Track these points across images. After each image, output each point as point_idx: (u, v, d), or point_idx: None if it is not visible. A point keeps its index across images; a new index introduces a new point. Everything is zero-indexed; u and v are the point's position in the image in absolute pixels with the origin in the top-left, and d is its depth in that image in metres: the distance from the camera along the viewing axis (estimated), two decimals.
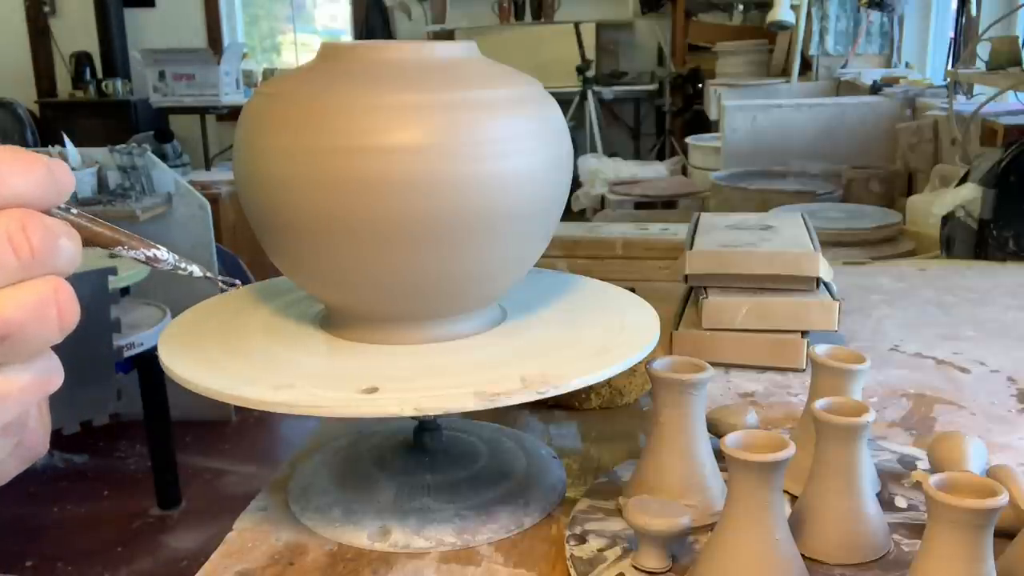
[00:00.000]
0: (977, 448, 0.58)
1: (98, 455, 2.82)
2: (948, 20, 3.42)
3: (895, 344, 0.93)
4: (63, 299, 0.31)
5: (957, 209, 1.42)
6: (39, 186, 0.32)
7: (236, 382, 0.55)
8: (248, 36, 6.14)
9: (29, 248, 0.30)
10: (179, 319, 0.67)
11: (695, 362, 0.58)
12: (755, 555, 0.47)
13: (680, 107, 4.97)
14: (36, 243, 0.31)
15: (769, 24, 3.43)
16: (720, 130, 3.26)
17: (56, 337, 0.32)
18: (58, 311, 0.31)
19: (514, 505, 0.61)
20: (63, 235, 0.32)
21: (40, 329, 0.31)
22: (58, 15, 5.73)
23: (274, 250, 0.61)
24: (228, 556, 0.57)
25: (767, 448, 0.47)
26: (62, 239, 0.32)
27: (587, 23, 5.21)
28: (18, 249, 0.30)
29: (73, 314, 0.32)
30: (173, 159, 4.47)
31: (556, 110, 0.62)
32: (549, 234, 0.64)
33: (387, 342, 0.61)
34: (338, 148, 0.55)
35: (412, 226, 0.55)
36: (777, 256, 0.86)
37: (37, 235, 0.31)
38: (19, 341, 0.31)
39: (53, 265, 0.32)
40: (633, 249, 1.24)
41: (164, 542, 2.37)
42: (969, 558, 0.43)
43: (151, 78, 4.88)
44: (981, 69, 2.12)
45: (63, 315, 0.31)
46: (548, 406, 0.78)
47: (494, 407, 0.53)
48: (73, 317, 0.32)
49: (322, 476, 0.66)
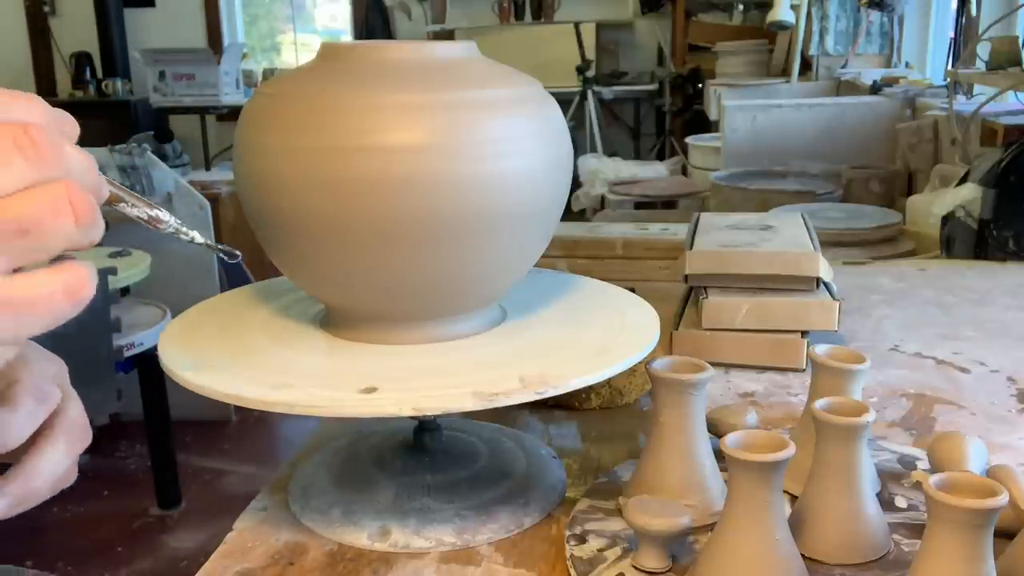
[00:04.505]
0: (977, 448, 0.57)
1: (98, 455, 2.82)
2: (948, 20, 3.42)
3: (895, 344, 0.93)
4: (76, 196, 0.32)
5: (957, 209, 1.42)
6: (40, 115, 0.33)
7: (236, 382, 0.55)
8: (248, 36, 6.14)
9: (35, 148, 0.31)
10: (179, 319, 0.67)
11: (695, 362, 0.58)
12: (755, 555, 0.47)
13: (680, 107, 4.97)
14: (41, 144, 0.32)
15: (769, 24, 3.43)
16: (720, 130, 3.25)
17: (75, 234, 0.32)
18: (73, 208, 0.32)
19: (514, 505, 0.61)
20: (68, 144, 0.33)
21: (57, 224, 0.32)
22: (58, 15, 5.73)
23: (274, 250, 0.61)
24: (228, 556, 0.57)
25: (767, 448, 0.47)
26: (67, 147, 0.33)
27: (587, 23, 5.21)
28: (23, 150, 0.31)
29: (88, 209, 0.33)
30: (173, 159, 4.46)
31: (556, 110, 0.62)
32: (549, 234, 0.64)
33: (387, 342, 0.61)
34: (338, 148, 0.55)
35: (412, 226, 0.55)
36: (777, 256, 0.86)
37: (42, 137, 0.32)
38: (39, 236, 0.32)
39: (64, 169, 0.33)
40: (633, 249, 1.24)
41: (164, 542, 2.37)
42: (969, 558, 0.43)
43: (151, 78, 4.88)
44: (981, 69, 2.12)
45: (78, 211, 0.32)
46: (548, 406, 0.78)
47: (493, 407, 0.53)
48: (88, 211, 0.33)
49: (322, 476, 0.66)
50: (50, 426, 0.41)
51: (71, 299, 0.33)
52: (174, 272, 2.62)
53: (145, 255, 2.41)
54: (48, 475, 0.39)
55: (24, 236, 0.31)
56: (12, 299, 0.32)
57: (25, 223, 0.31)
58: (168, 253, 2.61)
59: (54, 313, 0.33)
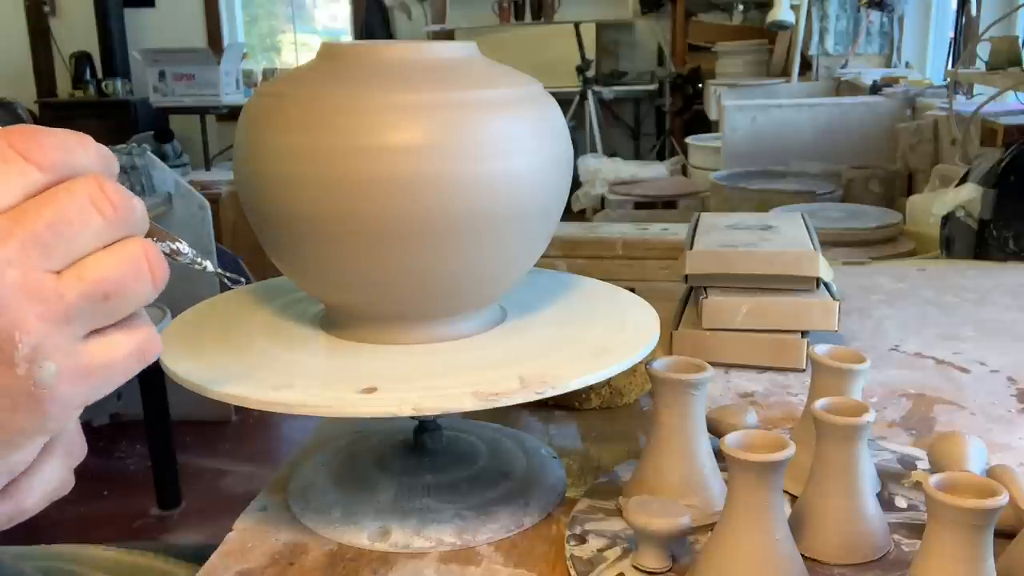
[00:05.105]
0: (977, 448, 0.57)
1: (98, 455, 2.82)
2: (948, 20, 3.42)
3: (895, 344, 0.93)
4: (152, 256, 0.32)
5: (957, 209, 1.42)
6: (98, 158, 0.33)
7: (236, 382, 0.55)
8: (248, 36, 6.14)
9: (112, 207, 0.31)
10: (179, 319, 0.67)
11: (695, 362, 0.58)
12: (755, 555, 0.47)
13: (680, 107, 4.97)
14: (117, 202, 0.31)
15: (769, 24, 3.43)
16: (720, 130, 3.26)
17: (151, 294, 0.32)
18: (150, 268, 0.32)
19: (514, 505, 0.61)
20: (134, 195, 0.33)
21: (137, 286, 0.32)
22: (58, 15, 5.73)
23: (274, 250, 0.61)
24: (228, 556, 0.57)
25: (767, 448, 0.47)
26: (134, 199, 0.33)
27: (587, 23, 5.21)
28: (102, 209, 0.31)
29: (163, 271, 0.33)
30: (173, 159, 4.46)
31: (556, 110, 0.62)
32: (549, 234, 0.64)
33: (387, 342, 0.61)
34: (338, 148, 0.55)
35: (412, 226, 0.55)
36: (777, 256, 0.86)
37: (116, 195, 0.31)
38: (119, 300, 0.32)
39: (134, 225, 0.32)
40: (633, 249, 1.23)
41: (164, 542, 2.37)
42: (969, 558, 0.43)
43: (151, 78, 4.88)
44: (981, 69, 2.12)
45: (155, 272, 0.32)
46: (548, 406, 0.78)
47: (493, 407, 0.53)
48: (164, 273, 0.33)
49: (322, 476, 0.66)
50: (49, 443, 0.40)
51: (142, 361, 0.33)
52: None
53: None
54: (40, 493, 0.38)
55: (104, 301, 0.31)
56: (90, 366, 0.32)
57: (106, 288, 0.31)
58: None
59: (126, 376, 0.33)
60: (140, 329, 0.33)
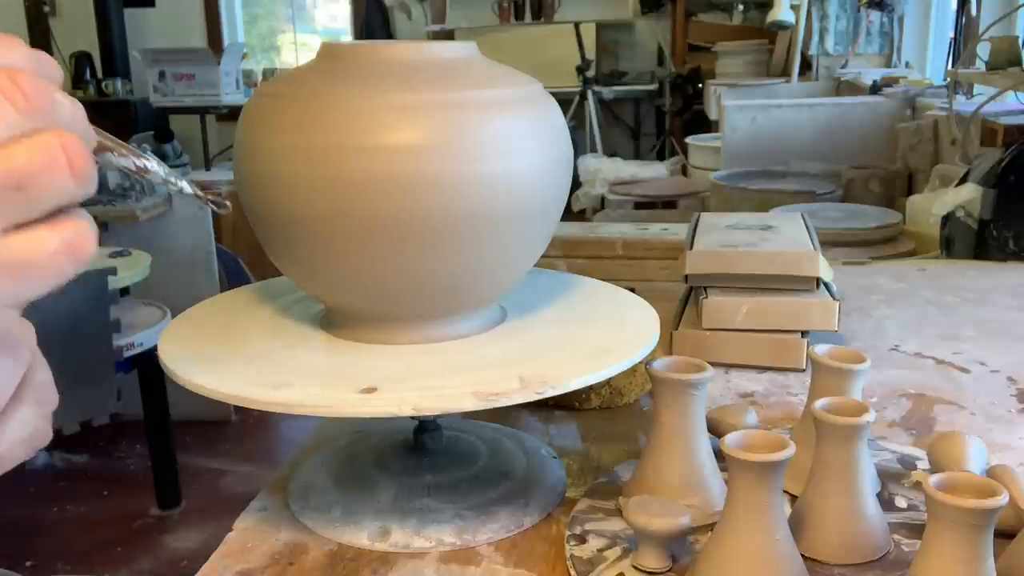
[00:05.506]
0: (977, 448, 0.57)
1: (98, 455, 2.82)
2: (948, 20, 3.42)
3: (895, 344, 0.93)
4: (71, 146, 0.31)
5: (957, 209, 1.42)
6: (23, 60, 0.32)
7: (236, 382, 0.55)
8: (248, 36, 6.14)
9: (23, 97, 0.30)
10: (179, 319, 0.67)
11: (695, 362, 0.58)
12: (755, 555, 0.47)
13: (680, 107, 4.97)
14: (30, 92, 0.31)
15: (769, 24, 3.43)
16: (720, 130, 3.26)
17: (71, 187, 0.31)
18: (68, 159, 0.31)
19: (514, 505, 0.61)
20: (57, 91, 0.32)
21: (53, 177, 0.31)
22: (58, 15, 5.73)
23: (274, 250, 0.61)
24: (228, 556, 0.57)
25: (767, 448, 0.47)
26: (56, 94, 0.32)
27: (587, 23, 5.21)
28: (14, 100, 0.30)
29: (85, 163, 0.31)
30: (173, 159, 4.46)
31: (556, 110, 0.62)
32: (549, 234, 0.64)
33: (386, 342, 0.61)
34: (338, 147, 0.55)
35: (412, 226, 0.55)
36: (777, 256, 0.86)
37: (29, 86, 0.31)
38: (36, 191, 0.30)
39: (54, 118, 0.31)
40: (633, 249, 1.23)
41: (164, 542, 2.37)
42: (969, 558, 0.43)
43: (151, 78, 4.87)
44: (981, 69, 2.12)
45: (74, 163, 0.31)
46: (548, 406, 0.78)
47: (493, 407, 0.53)
48: (85, 166, 0.31)
49: (322, 476, 0.66)
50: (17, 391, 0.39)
51: (73, 256, 0.32)
52: (174, 272, 2.62)
53: (145, 255, 2.41)
54: (11, 440, 0.37)
55: (18, 191, 0.30)
56: (10, 260, 0.30)
57: (18, 177, 0.30)
58: (168, 253, 2.61)
59: (56, 273, 0.32)
60: (68, 224, 0.32)
